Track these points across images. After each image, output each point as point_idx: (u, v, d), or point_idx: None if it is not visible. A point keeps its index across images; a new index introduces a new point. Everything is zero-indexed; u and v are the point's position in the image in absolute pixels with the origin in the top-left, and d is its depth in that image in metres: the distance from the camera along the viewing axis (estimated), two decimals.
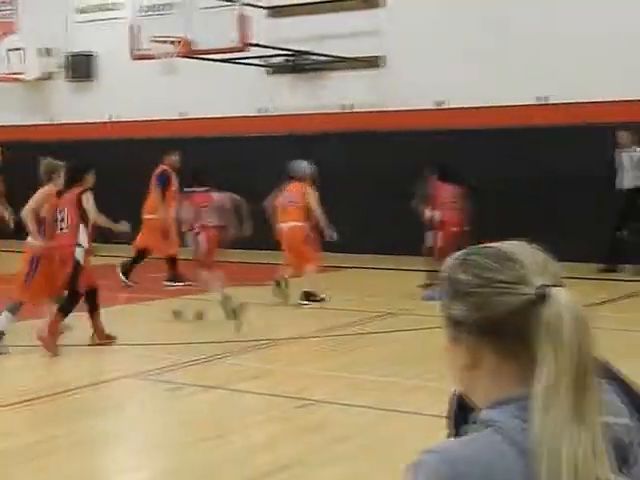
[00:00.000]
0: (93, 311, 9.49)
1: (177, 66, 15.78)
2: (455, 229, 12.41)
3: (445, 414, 1.87)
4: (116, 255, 14.05)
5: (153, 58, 14.85)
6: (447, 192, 12.57)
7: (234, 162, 16.65)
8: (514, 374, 1.49)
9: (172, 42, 14.67)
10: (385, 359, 8.68)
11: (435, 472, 1.41)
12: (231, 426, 6.67)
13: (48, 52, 19.89)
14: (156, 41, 14.70)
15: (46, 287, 9.33)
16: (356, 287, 13.11)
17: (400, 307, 11.43)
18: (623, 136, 13.83)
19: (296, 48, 16.54)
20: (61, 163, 9.77)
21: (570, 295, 1.46)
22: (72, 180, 9.61)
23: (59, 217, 9.46)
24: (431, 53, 15.63)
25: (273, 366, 8.66)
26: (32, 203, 9.53)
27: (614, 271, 13.80)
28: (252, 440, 6.33)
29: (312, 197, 12.16)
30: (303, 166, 12.43)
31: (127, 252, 13.87)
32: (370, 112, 16.36)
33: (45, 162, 9.80)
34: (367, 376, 8.00)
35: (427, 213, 12.57)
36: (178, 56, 14.87)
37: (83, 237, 9.43)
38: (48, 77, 20.01)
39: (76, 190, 9.51)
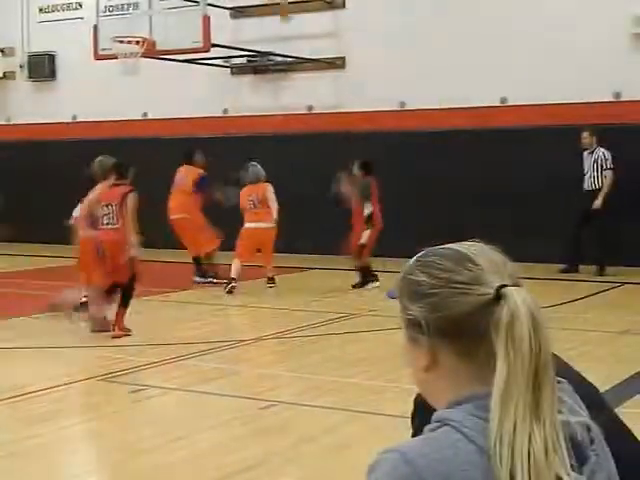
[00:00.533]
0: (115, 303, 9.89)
1: (140, 66, 15.69)
2: (381, 224, 12.83)
3: (409, 414, 1.90)
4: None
5: (115, 58, 14.75)
6: (376, 188, 12.85)
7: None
8: (472, 374, 1.51)
9: (135, 42, 14.60)
10: (348, 360, 8.70)
11: (395, 470, 1.43)
12: (194, 427, 6.65)
13: (8, 51, 19.71)
14: (119, 41, 14.61)
15: (104, 275, 9.78)
16: (320, 288, 13.12)
17: (363, 307, 11.46)
18: (585, 137, 13.96)
19: (259, 49, 16.55)
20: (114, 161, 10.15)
21: (526, 295, 1.48)
22: (119, 177, 9.98)
23: (106, 211, 9.78)
24: (392, 54, 15.68)
25: (236, 367, 8.65)
26: (92, 200, 9.90)
27: (575, 272, 13.92)
28: (216, 441, 6.33)
29: (271, 193, 12.85)
30: (259, 170, 12.99)
31: None
32: (332, 113, 16.41)
33: (100, 160, 10.11)
34: (331, 377, 8.02)
35: (367, 209, 12.73)
36: (141, 56, 14.79)
37: (132, 234, 9.77)
38: (8, 77, 19.82)
39: (124, 188, 9.85)
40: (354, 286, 12.87)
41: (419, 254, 1.62)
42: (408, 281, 1.58)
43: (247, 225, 12.89)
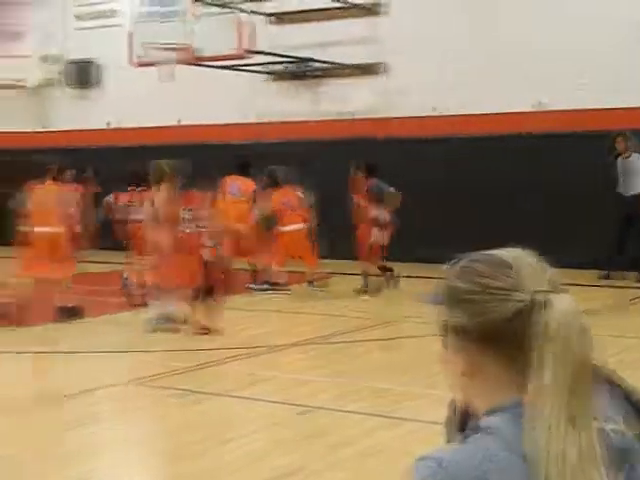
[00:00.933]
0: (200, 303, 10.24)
1: (177, 73, 15.81)
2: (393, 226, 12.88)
3: (444, 421, 1.89)
4: (118, 262, 13.98)
5: (153, 65, 14.86)
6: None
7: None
8: (512, 380, 1.51)
9: (173, 49, 14.69)
10: (385, 366, 8.69)
11: (431, 477, 1.43)
12: (233, 433, 6.68)
13: (49, 59, 19.93)
14: (156, 48, 14.72)
15: (175, 276, 10.02)
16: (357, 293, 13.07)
17: (400, 313, 11.43)
18: (620, 142, 13.87)
19: (297, 55, 16.59)
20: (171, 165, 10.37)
21: (566, 301, 1.48)
22: (191, 183, 10.36)
23: (186, 216, 10.14)
24: (431, 60, 15.65)
25: (273, 373, 8.67)
26: (158, 206, 10.11)
27: (615, 278, 13.79)
28: (254, 447, 6.34)
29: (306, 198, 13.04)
30: (286, 171, 13.17)
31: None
32: (370, 119, 16.39)
33: (159, 164, 10.35)
34: (367, 382, 8.02)
35: (374, 211, 12.79)
36: (179, 63, 14.87)
37: (208, 237, 10.21)
38: (49, 84, 20.04)
39: (198, 193, 10.31)
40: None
41: (458, 260, 1.61)
42: (446, 287, 1.58)
43: (283, 228, 12.89)
